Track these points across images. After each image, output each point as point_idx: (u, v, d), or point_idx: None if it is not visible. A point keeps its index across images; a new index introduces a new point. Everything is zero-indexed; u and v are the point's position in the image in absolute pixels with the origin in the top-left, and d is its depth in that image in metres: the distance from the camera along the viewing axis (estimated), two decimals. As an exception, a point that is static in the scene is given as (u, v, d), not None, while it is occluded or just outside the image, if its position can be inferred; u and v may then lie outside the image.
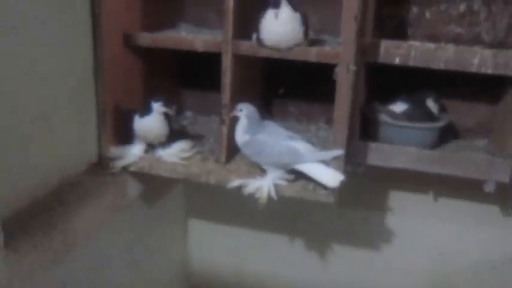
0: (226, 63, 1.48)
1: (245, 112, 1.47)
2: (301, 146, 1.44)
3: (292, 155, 1.42)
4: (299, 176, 1.45)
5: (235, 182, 1.45)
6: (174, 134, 1.68)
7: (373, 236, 2.02)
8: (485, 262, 1.95)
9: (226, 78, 1.49)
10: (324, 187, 1.40)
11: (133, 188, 1.63)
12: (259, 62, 1.77)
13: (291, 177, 1.45)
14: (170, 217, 2.15)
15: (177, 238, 2.25)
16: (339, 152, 1.40)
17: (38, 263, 1.21)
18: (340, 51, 1.35)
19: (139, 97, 1.66)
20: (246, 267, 2.23)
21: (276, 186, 1.43)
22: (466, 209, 1.89)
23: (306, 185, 1.44)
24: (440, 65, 1.50)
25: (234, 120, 1.50)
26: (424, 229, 1.96)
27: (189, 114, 2.00)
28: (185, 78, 1.99)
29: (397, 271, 2.04)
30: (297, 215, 2.07)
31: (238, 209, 1.44)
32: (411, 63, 1.51)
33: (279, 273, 2.19)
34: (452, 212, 1.92)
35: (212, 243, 2.26)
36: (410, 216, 1.96)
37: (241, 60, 1.52)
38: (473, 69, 1.48)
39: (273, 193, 1.42)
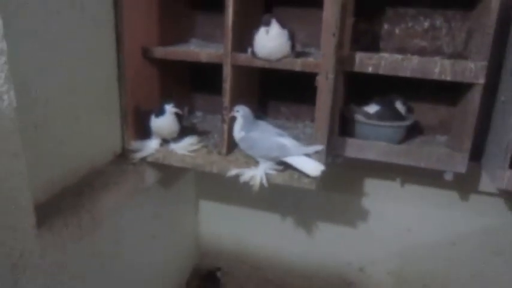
0: (227, 72, 1.47)
1: (241, 113, 1.46)
2: (288, 141, 1.42)
3: (280, 149, 1.41)
4: (287, 166, 1.44)
5: (232, 171, 1.45)
6: (185, 130, 1.67)
7: (351, 215, 2.01)
8: (445, 238, 1.93)
9: (227, 84, 1.48)
10: (308, 176, 1.39)
11: (151, 175, 1.62)
12: (255, 71, 1.76)
13: (280, 167, 1.44)
14: (183, 198, 2.15)
15: (189, 215, 2.26)
16: (320, 147, 1.39)
17: (68, 238, 1.22)
18: (320, 62, 1.33)
19: (156, 100, 1.65)
20: (246, 239, 2.23)
21: (267, 175, 1.42)
22: (428, 193, 1.87)
23: (293, 174, 1.43)
24: (407, 73, 1.47)
25: (233, 119, 1.49)
26: (394, 210, 1.95)
27: (199, 114, 1.99)
28: (197, 84, 1.97)
29: (372, 244, 2.02)
30: (288, 197, 2.06)
31: (240, 192, 1.44)
32: (382, 71, 1.49)
33: (274, 245, 2.19)
34: (417, 196, 1.90)
35: (219, 220, 2.26)
36: (382, 199, 1.94)
37: (239, 70, 1.51)
38: (435, 77, 1.45)
39: (264, 181, 1.41)
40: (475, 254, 1.92)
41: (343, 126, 1.64)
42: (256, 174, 1.42)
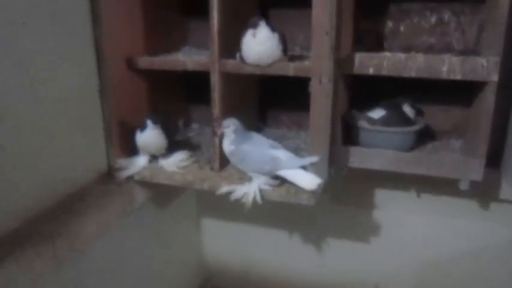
0: (214, 80, 1.34)
1: (232, 128, 1.32)
2: (281, 153, 1.28)
3: (273, 162, 1.26)
4: (284, 181, 1.30)
5: (223, 189, 1.31)
6: (178, 145, 1.55)
7: (363, 230, 1.84)
8: (466, 251, 1.74)
9: (215, 93, 1.35)
10: (305, 191, 1.24)
11: (141, 195, 1.49)
12: (253, 78, 1.63)
13: (276, 182, 1.30)
14: (183, 216, 2.01)
15: (191, 234, 2.11)
16: (315, 158, 1.24)
17: (42, 269, 1.10)
18: (312, 65, 1.19)
19: (145, 113, 1.53)
20: (253, 257, 2.08)
21: (261, 191, 1.28)
22: (446, 203, 1.69)
23: (290, 189, 1.28)
24: (412, 73, 1.32)
25: (223, 135, 1.35)
26: (409, 222, 1.78)
27: (195, 126, 1.87)
28: (193, 95, 1.85)
29: (387, 260, 1.85)
30: (296, 213, 1.91)
31: (244, 207, 1.30)
32: (384, 72, 1.34)
33: (282, 263, 2.03)
34: (434, 207, 1.72)
35: (223, 238, 2.12)
36: (396, 211, 1.77)
37: (229, 77, 1.38)
38: (443, 76, 1.30)
39: (258, 198, 1.27)
40: (499, 268, 1.73)
41: (347, 134, 1.49)
42: (249, 191, 1.28)
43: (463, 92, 1.49)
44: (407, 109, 1.49)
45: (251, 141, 1.32)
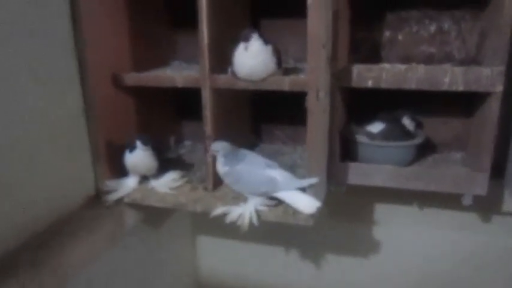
0: (206, 96, 1.26)
1: (221, 152, 1.24)
2: (278, 174, 1.21)
3: (269, 184, 1.19)
4: (281, 201, 1.22)
5: (218, 210, 1.24)
6: (169, 163, 1.48)
7: (362, 245, 1.78)
8: (469, 265, 1.68)
9: (207, 110, 1.28)
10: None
11: (132, 217, 1.41)
12: (245, 93, 1.57)
13: (272, 203, 1.22)
14: (178, 234, 1.94)
15: (186, 252, 2.04)
16: (314, 179, 1.17)
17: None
18: (307, 79, 1.12)
19: (134, 132, 1.46)
20: (249, 274, 2.01)
21: (257, 212, 1.21)
22: (448, 217, 1.63)
23: (287, 209, 1.21)
24: (412, 85, 1.26)
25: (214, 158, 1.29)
26: (409, 237, 1.71)
27: (188, 143, 1.79)
28: (184, 111, 1.77)
29: (387, 276, 1.79)
30: (293, 228, 1.80)
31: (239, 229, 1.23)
32: (383, 85, 1.28)
33: (279, 280, 1.96)
34: (435, 221, 1.66)
35: (219, 255, 2.04)
36: (396, 225, 1.71)
37: (221, 93, 1.31)
38: (445, 88, 1.24)
39: (254, 219, 1.20)
40: (503, 280, 1.67)
41: (345, 150, 1.43)
42: (245, 212, 1.21)
43: (463, 102, 1.44)
44: (407, 122, 1.42)
45: (245, 161, 1.24)
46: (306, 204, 1.15)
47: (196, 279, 2.10)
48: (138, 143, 1.28)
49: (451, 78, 1.23)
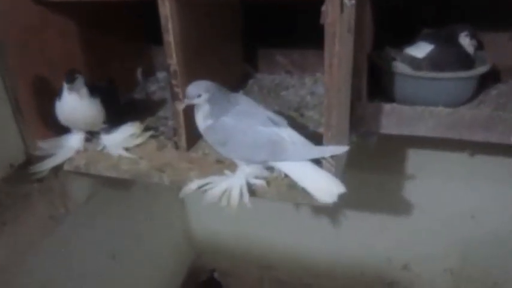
0: (165, 12, 0.80)
1: (206, 96, 0.78)
2: (286, 133, 0.77)
3: (273, 148, 0.76)
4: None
5: (193, 185, 0.81)
6: (132, 109, 1.06)
7: (391, 200, 1.37)
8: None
9: (169, 35, 0.82)
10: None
11: (82, 188, 1.01)
12: (233, 5, 1.09)
13: (272, 173, 0.81)
14: (161, 191, 1.51)
15: (174, 211, 1.63)
16: (342, 148, 0.73)
17: None
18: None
19: (82, 69, 1.01)
20: (252, 233, 1.63)
21: (250, 187, 0.79)
22: (500, 166, 1.22)
23: (294, 184, 0.78)
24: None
25: (190, 108, 0.84)
26: (453, 190, 1.30)
27: (161, 75, 1.31)
28: (155, 32, 1.29)
29: (421, 235, 1.41)
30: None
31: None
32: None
33: (288, 238, 1.58)
34: (487, 172, 1.24)
35: (215, 212, 1.62)
36: (436, 176, 1.29)
37: (192, 5, 0.85)
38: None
39: (246, 198, 0.78)
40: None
41: (375, 85, 0.97)
42: (233, 187, 0.79)
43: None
44: (466, 41, 0.95)
45: (237, 110, 0.80)
46: (324, 188, 0.72)
47: (188, 238, 1.73)
48: (64, 84, 0.83)
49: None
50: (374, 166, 1.31)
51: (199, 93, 0.78)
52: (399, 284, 1.52)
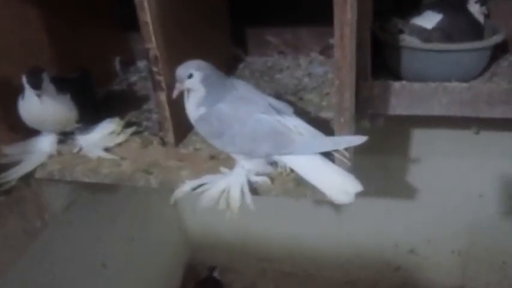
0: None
1: (197, 77, 0.67)
2: (292, 123, 0.66)
3: (277, 140, 0.65)
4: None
5: (185, 187, 0.70)
6: (109, 103, 0.94)
7: (397, 182, 1.28)
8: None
9: (145, 13, 0.70)
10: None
11: (59, 196, 0.90)
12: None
13: (275, 169, 0.70)
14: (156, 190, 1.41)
15: (165, 207, 1.48)
16: (360, 139, 0.64)
17: None
18: None
19: (48, 61, 0.89)
20: (251, 224, 1.52)
21: (251, 185, 0.69)
22: (509, 141, 1.14)
23: (301, 180, 0.68)
24: None
25: (178, 97, 0.71)
26: (461, 170, 1.22)
27: (141, 64, 1.18)
28: (133, 18, 1.16)
29: (427, 219, 1.33)
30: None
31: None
32: None
33: (291, 228, 1.48)
34: (491, 148, 1.16)
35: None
36: (444, 155, 1.21)
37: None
38: None
39: (247, 198, 0.67)
40: None
41: (379, 61, 0.87)
42: (233, 186, 0.68)
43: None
44: (476, 8, 0.85)
45: (234, 96, 0.69)
46: (337, 185, 0.62)
47: (183, 234, 1.62)
48: (25, 82, 0.71)
49: None
50: (377, 148, 1.21)
51: (190, 72, 0.67)
52: (407, 270, 1.44)
